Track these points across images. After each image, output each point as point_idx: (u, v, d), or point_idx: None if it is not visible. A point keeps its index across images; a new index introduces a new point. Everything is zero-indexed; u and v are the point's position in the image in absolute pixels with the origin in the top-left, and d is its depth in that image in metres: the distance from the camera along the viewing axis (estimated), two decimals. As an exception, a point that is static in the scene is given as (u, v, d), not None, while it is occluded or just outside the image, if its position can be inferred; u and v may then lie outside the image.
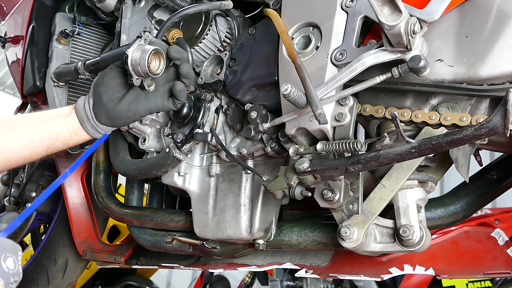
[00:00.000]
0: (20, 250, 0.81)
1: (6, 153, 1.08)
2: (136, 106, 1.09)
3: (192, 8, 1.24)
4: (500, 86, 0.91)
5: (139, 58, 1.01)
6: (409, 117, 1.00)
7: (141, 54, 1.01)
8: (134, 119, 1.11)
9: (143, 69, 1.01)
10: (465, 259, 1.27)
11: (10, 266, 0.77)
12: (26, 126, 1.10)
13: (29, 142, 1.08)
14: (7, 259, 0.76)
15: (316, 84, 0.98)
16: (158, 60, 1.05)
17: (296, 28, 1.12)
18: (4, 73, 9.36)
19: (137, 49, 1.02)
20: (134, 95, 1.09)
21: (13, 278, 0.77)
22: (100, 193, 1.71)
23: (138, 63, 1.01)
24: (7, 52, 2.07)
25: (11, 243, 0.80)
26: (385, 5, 0.86)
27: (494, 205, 3.82)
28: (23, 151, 1.09)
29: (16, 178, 2.23)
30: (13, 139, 1.08)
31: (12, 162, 1.10)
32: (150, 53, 1.01)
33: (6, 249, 0.77)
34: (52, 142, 1.10)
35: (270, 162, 1.30)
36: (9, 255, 0.77)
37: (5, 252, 0.77)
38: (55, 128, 1.10)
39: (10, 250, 0.78)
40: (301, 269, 1.35)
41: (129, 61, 1.02)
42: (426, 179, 1.08)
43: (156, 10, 1.46)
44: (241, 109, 1.28)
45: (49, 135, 1.09)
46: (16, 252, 0.79)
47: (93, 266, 3.19)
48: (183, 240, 1.45)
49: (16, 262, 0.78)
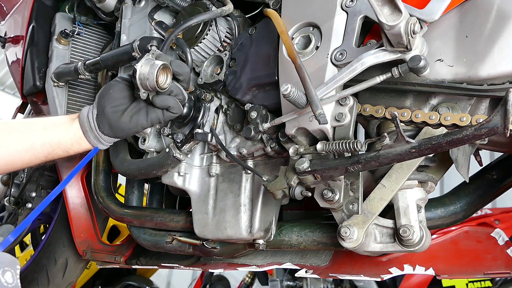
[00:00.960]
0: (18, 264, 0.81)
1: (5, 157, 1.08)
2: (138, 118, 1.10)
3: (194, 19, 1.24)
4: (500, 86, 0.91)
5: (148, 73, 1.02)
6: (409, 117, 1.00)
7: (150, 69, 1.02)
8: (136, 131, 1.12)
9: (151, 84, 1.02)
10: (465, 259, 1.27)
11: (9, 280, 0.76)
12: (27, 130, 1.10)
13: (29, 147, 1.09)
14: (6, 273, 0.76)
15: (316, 84, 0.98)
16: (166, 75, 1.06)
17: (296, 28, 1.12)
18: (4, 73, 9.37)
19: (146, 64, 1.03)
20: (137, 107, 1.10)
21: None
22: (100, 193, 1.71)
23: (146, 77, 1.02)
24: (7, 52, 2.07)
25: (9, 257, 0.79)
26: (385, 5, 0.86)
27: (494, 205, 3.82)
28: (23, 155, 1.09)
29: (16, 178, 2.23)
30: (14, 143, 1.08)
31: (10, 166, 1.10)
32: (159, 69, 1.02)
33: (4, 263, 0.77)
34: (53, 149, 1.11)
35: (270, 162, 1.30)
36: (7, 269, 0.76)
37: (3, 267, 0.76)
38: (57, 135, 1.10)
39: (8, 264, 0.77)
40: (301, 269, 1.35)
41: (137, 75, 1.02)
42: (426, 179, 1.08)
43: (157, 13, 1.47)
44: (241, 109, 1.28)
45: (50, 141, 1.10)
46: (14, 266, 0.79)
47: (93, 266, 3.20)
48: (183, 240, 1.45)
49: (14, 276, 0.78)
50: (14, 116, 2.38)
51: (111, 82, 1.13)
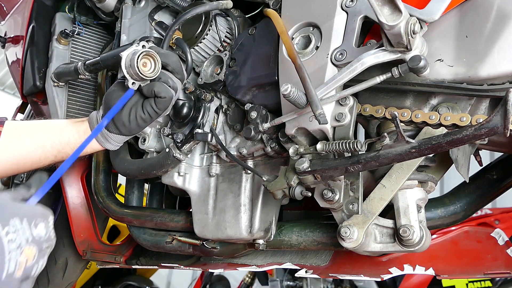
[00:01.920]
0: (51, 214, 0.80)
1: (15, 155, 1.10)
2: (136, 111, 1.09)
3: (191, 12, 1.24)
4: (500, 86, 0.91)
5: (132, 59, 1.02)
6: (409, 117, 1.00)
7: (133, 56, 1.02)
8: (138, 125, 1.11)
9: (134, 70, 1.02)
10: (465, 259, 1.27)
11: (41, 233, 0.75)
12: (38, 130, 1.14)
13: (40, 145, 1.11)
14: (38, 225, 0.75)
15: (316, 84, 0.98)
16: (152, 63, 1.05)
17: (296, 28, 1.12)
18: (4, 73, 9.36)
19: (129, 51, 1.03)
20: (134, 101, 1.10)
21: (46, 244, 0.77)
22: (100, 193, 1.72)
23: (130, 64, 1.02)
24: (7, 52, 2.07)
25: (41, 208, 0.79)
26: (385, 5, 0.86)
27: (494, 205, 3.82)
28: (33, 153, 1.11)
29: (16, 178, 2.22)
30: (24, 141, 1.11)
31: (21, 165, 1.13)
32: (140, 54, 1.01)
33: (36, 215, 0.76)
34: (63, 147, 1.13)
35: (270, 162, 1.30)
36: (39, 220, 0.76)
37: (35, 218, 0.75)
38: (67, 134, 1.13)
39: (40, 215, 0.77)
40: (301, 269, 1.35)
41: (123, 63, 1.03)
42: (426, 179, 1.08)
43: (157, 13, 1.47)
44: (241, 109, 1.28)
45: (60, 140, 1.12)
46: (47, 217, 0.78)
47: (93, 266, 3.19)
48: (183, 240, 1.45)
49: (47, 228, 0.77)
50: (14, 116, 2.38)
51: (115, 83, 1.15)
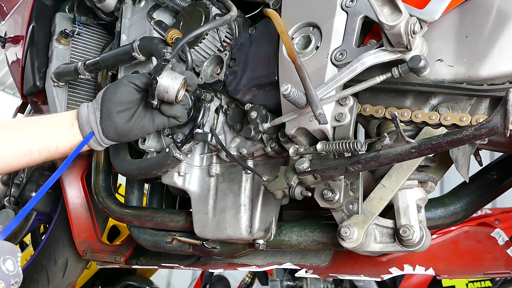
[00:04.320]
0: (19, 251, 0.81)
1: (1, 162, 1.06)
2: (144, 123, 1.09)
3: (203, 28, 1.23)
4: (500, 86, 0.91)
5: (169, 87, 1.02)
6: (409, 117, 1.00)
7: (172, 83, 1.02)
8: (140, 136, 1.12)
9: (170, 97, 1.02)
10: (465, 259, 1.27)
11: (10, 268, 0.77)
12: (24, 135, 1.08)
13: (27, 153, 1.07)
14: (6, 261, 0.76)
15: (316, 84, 0.98)
16: (183, 89, 1.06)
17: (296, 28, 1.12)
18: (4, 73, 9.37)
19: (167, 76, 1.03)
20: (143, 112, 1.09)
21: (13, 280, 0.77)
22: (100, 193, 1.71)
23: (167, 90, 1.02)
24: (7, 52, 2.07)
25: (9, 245, 0.80)
26: (385, 5, 0.86)
27: (494, 205, 3.82)
28: (19, 160, 1.07)
29: (16, 178, 2.23)
30: (9, 148, 1.06)
31: (8, 170, 1.09)
32: (181, 84, 1.02)
33: (5, 251, 0.77)
34: (51, 154, 1.09)
35: (270, 162, 1.30)
36: (8, 257, 0.77)
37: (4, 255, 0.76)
38: (55, 141, 1.08)
39: (8, 252, 0.78)
40: (301, 269, 1.35)
41: (158, 87, 1.02)
42: (426, 179, 1.08)
43: (156, 11, 1.46)
44: (241, 109, 1.28)
45: (48, 147, 1.08)
46: (15, 254, 0.79)
47: (93, 266, 3.20)
48: (183, 240, 1.45)
49: (15, 264, 0.78)
50: (14, 116, 2.38)
51: (117, 84, 1.10)
